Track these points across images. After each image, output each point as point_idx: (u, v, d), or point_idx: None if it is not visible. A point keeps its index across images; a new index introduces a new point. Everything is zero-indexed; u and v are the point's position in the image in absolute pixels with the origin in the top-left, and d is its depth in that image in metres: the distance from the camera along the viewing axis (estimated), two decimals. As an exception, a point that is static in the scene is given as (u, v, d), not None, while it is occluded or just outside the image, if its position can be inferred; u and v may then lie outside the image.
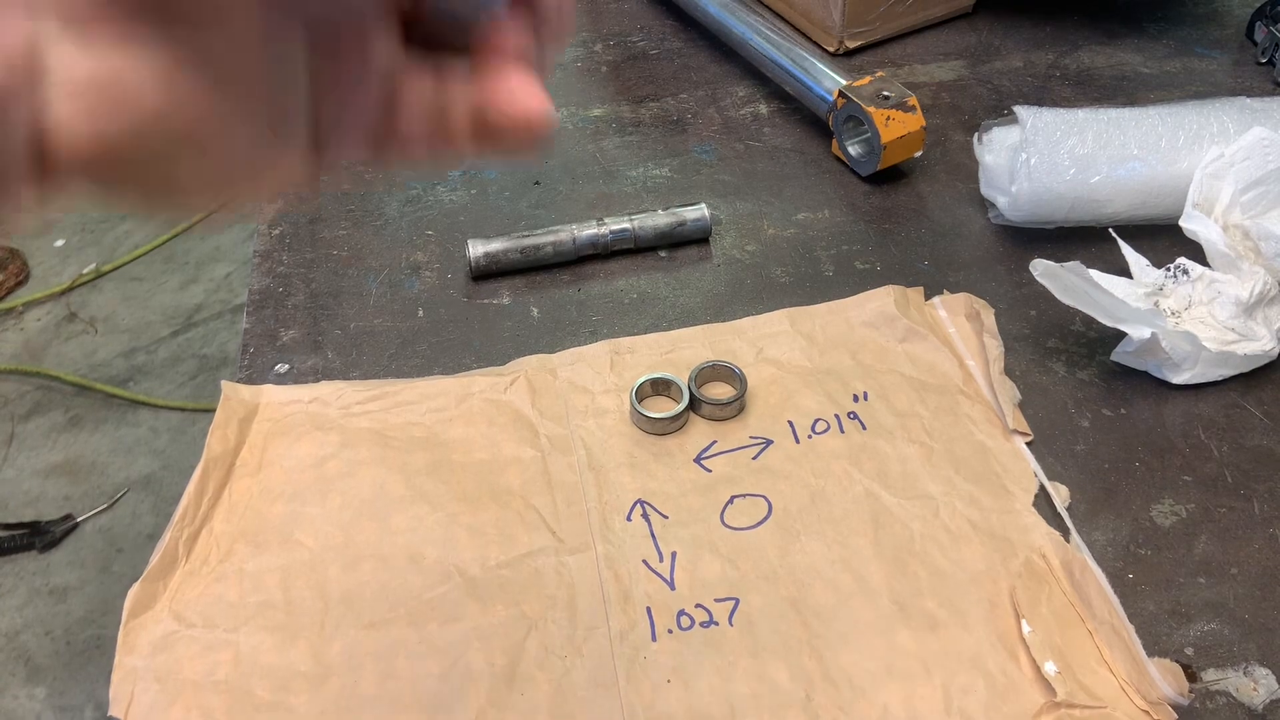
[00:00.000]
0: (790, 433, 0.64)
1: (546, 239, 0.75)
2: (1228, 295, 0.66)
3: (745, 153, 0.87)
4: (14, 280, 2.12)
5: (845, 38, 0.96)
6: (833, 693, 0.52)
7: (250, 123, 0.22)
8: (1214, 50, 0.97)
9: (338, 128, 0.24)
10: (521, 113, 0.26)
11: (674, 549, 0.58)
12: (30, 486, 1.75)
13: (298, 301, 0.74)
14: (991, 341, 0.67)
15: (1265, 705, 0.51)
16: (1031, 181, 0.73)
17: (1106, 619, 0.54)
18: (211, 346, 2.00)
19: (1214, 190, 0.70)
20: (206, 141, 0.21)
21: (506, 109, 0.26)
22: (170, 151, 0.21)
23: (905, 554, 0.57)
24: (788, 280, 0.75)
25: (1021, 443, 0.63)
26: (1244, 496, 0.61)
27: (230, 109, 0.21)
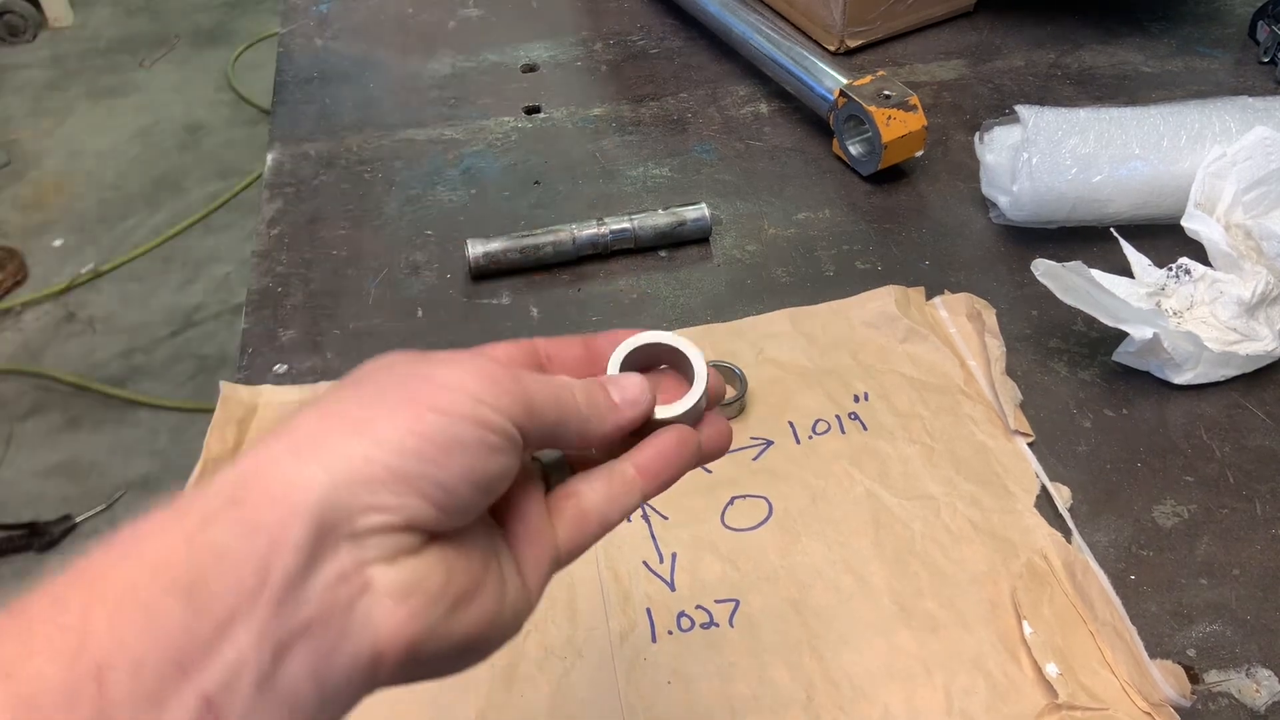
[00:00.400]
0: (791, 433, 0.64)
1: (546, 239, 0.75)
2: (1230, 295, 0.66)
3: (746, 152, 0.87)
4: (12, 280, 2.11)
5: (846, 37, 0.95)
6: (833, 693, 0.52)
7: (493, 566, 0.32)
8: (1216, 49, 0.97)
9: (524, 550, 0.34)
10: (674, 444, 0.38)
11: (674, 550, 0.58)
12: (28, 487, 1.75)
13: (297, 302, 0.74)
14: (993, 341, 0.67)
15: (1267, 707, 0.51)
16: (1033, 181, 0.73)
17: (1108, 620, 0.53)
18: (210, 347, 1.99)
19: (1216, 190, 0.69)
20: (480, 602, 0.31)
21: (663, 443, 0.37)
22: (461, 618, 0.30)
23: (906, 554, 0.57)
24: (788, 280, 0.75)
25: (1023, 443, 0.63)
26: (1246, 497, 0.60)
27: (480, 564, 0.31)
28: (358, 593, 0.27)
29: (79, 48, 2.84)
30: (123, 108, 2.62)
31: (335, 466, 0.27)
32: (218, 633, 0.24)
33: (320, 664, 0.26)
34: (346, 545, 0.27)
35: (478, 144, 0.88)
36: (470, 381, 0.30)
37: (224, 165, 2.42)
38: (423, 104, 0.93)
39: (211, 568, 0.25)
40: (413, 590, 0.28)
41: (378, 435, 0.28)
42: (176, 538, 0.25)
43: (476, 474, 0.29)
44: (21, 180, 2.39)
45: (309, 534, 0.26)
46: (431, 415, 0.29)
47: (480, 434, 0.29)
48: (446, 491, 0.28)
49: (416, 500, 0.28)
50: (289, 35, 1.03)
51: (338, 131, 0.90)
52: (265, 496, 0.26)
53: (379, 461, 0.27)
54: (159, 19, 2.96)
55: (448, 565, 0.29)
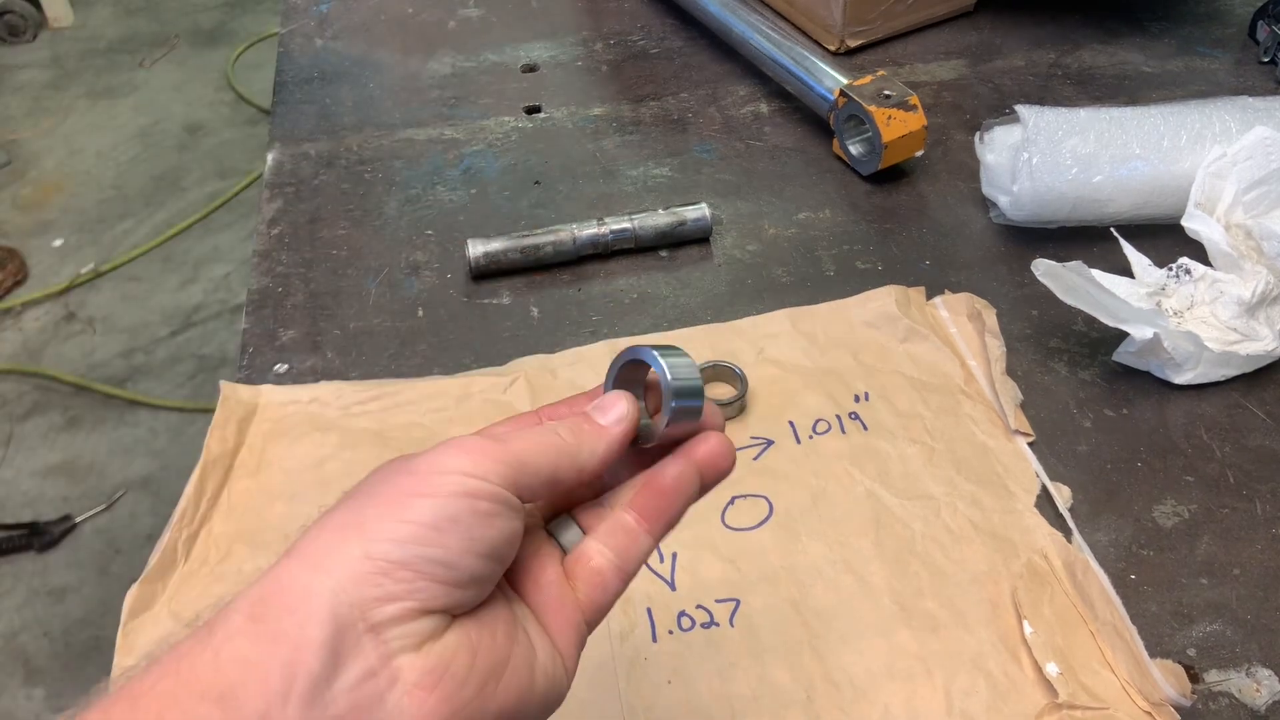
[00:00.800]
0: (791, 433, 0.64)
1: (546, 239, 0.75)
2: (1230, 295, 0.66)
3: (746, 152, 0.87)
4: (12, 280, 2.11)
5: (846, 36, 0.95)
6: (834, 693, 0.52)
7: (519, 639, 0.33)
8: (1216, 49, 0.97)
9: (550, 618, 0.35)
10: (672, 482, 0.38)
11: (674, 550, 0.58)
12: (28, 487, 1.75)
13: (297, 301, 0.74)
14: (993, 341, 0.67)
15: (1268, 706, 0.51)
16: (1033, 181, 0.73)
17: (1108, 620, 0.53)
18: (210, 346, 1.99)
19: (1216, 190, 0.69)
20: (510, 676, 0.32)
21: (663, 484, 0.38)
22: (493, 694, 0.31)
23: (907, 554, 0.57)
24: (789, 280, 0.75)
25: (1023, 443, 0.63)
26: (1246, 497, 0.60)
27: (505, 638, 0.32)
28: (386, 686, 0.29)
29: (79, 48, 2.84)
30: (122, 108, 2.62)
31: (341, 570, 0.29)
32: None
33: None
34: (369, 641, 0.29)
35: (478, 144, 0.88)
36: (452, 459, 0.32)
37: (224, 165, 2.42)
38: (423, 104, 0.93)
39: (240, 676, 0.27)
40: (441, 674, 0.30)
41: (373, 533, 0.30)
42: (205, 655, 0.28)
43: (477, 544, 0.31)
44: (21, 180, 2.39)
45: (327, 635, 0.28)
46: (419, 500, 0.31)
47: (471, 504, 0.31)
48: (450, 567, 0.30)
49: (424, 583, 0.30)
50: (289, 35, 1.03)
51: (338, 131, 0.90)
52: (283, 608, 0.28)
53: (379, 556, 0.29)
54: (159, 19, 2.96)
55: (472, 645, 0.31)
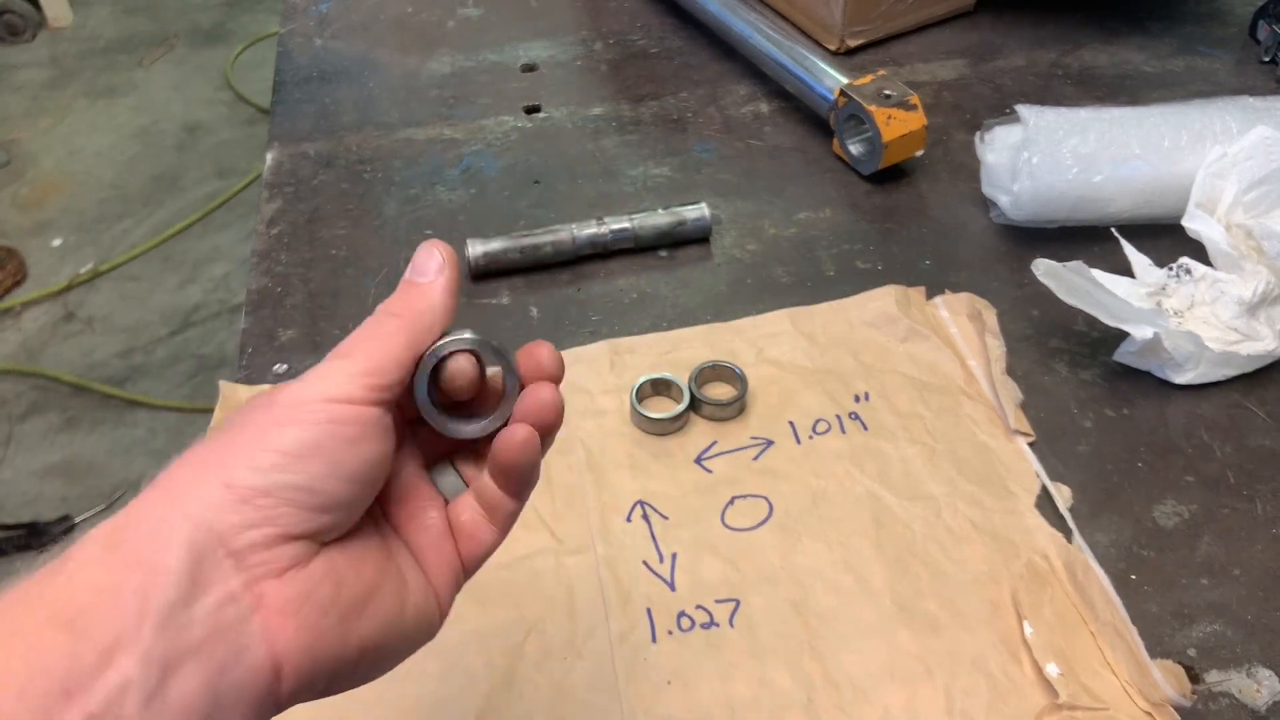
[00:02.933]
0: (791, 433, 0.64)
1: (546, 238, 0.75)
2: (1230, 295, 0.66)
3: (746, 152, 0.87)
4: (11, 280, 2.11)
5: (846, 36, 0.95)
6: (834, 694, 0.52)
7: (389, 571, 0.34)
8: (1217, 49, 0.97)
9: (428, 559, 0.36)
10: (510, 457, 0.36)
11: (674, 550, 0.58)
12: (27, 487, 1.74)
13: (296, 301, 0.74)
14: (993, 341, 0.67)
15: (1268, 706, 0.51)
16: (1034, 180, 0.72)
17: (1109, 620, 0.53)
18: (209, 346, 1.99)
19: (1217, 190, 0.69)
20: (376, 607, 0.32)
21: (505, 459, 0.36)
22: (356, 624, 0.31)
23: (907, 555, 0.57)
24: (789, 280, 0.75)
25: (1024, 443, 0.63)
26: (1247, 497, 0.60)
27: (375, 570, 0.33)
28: (248, 611, 0.29)
29: (78, 48, 2.84)
30: (122, 107, 2.62)
31: (203, 498, 0.29)
32: (102, 659, 0.26)
33: (214, 678, 0.28)
34: (230, 566, 0.29)
35: (477, 144, 0.88)
36: (313, 388, 0.32)
37: (223, 165, 2.41)
38: (422, 103, 0.93)
39: (91, 602, 0.27)
40: (303, 602, 0.30)
41: (235, 462, 0.30)
42: (58, 581, 0.28)
43: (341, 469, 0.31)
44: (21, 180, 2.39)
45: (184, 562, 0.28)
46: (282, 429, 0.31)
47: (335, 429, 0.31)
48: (313, 493, 0.30)
49: (285, 509, 0.30)
50: (288, 35, 1.03)
51: (337, 131, 0.90)
52: (139, 537, 0.28)
53: (239, 484, 0.29)
54: (158, 19, 2.96)
55: (338, 574, 0.31)
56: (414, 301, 0.36)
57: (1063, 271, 0.63)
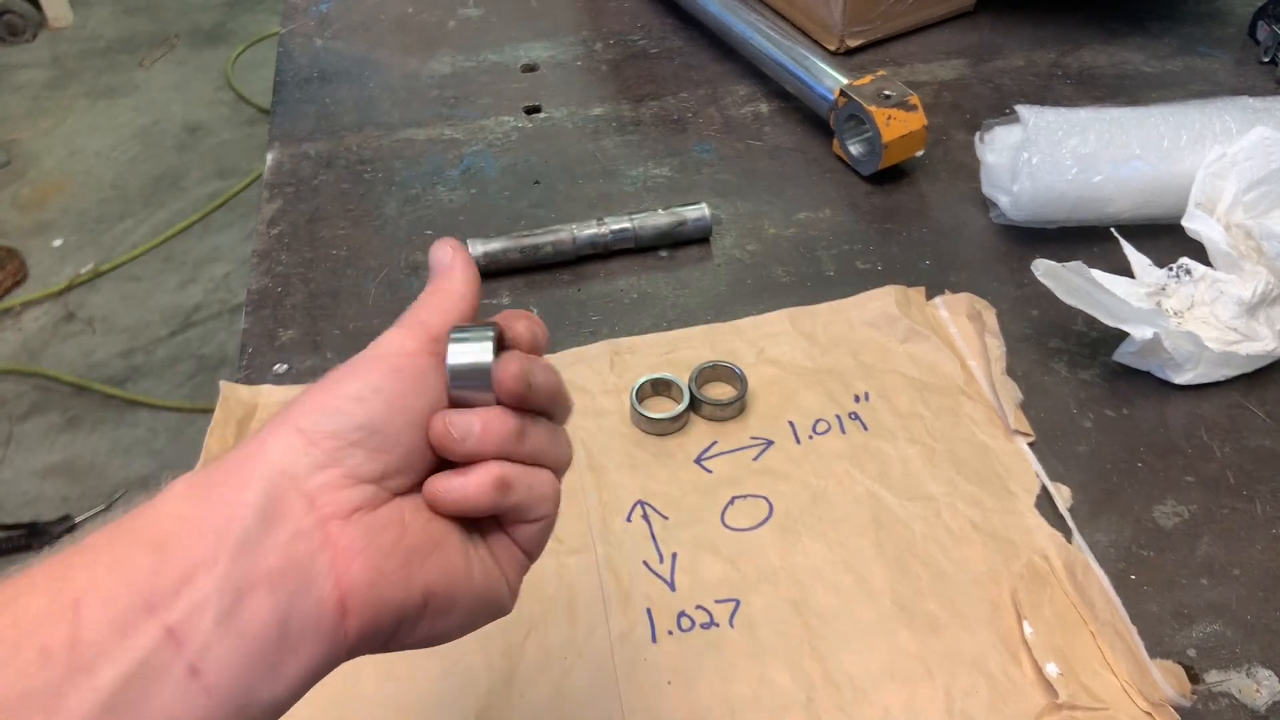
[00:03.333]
0: (791, 433, 0.64)
1: (546, 239, 0.75)
2: (1230, 295, 0.66)
3: (746, 152, 0.87)
4: (12, 280, 2.11)
5: (846, 36, 0.95)
6: (834, 694, 0.52)
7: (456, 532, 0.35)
8: (1216, 49, 0.97)
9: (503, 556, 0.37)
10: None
11: (674, 550, 0.58)
12: (28, 487, 1.74)
13: (296, 301, 0.74)
14: (993, 341, 0.67)
15: (1268, 706, 0.51)
16: (1034, 181, 0.72)
17: (1109, 620, 0.53)
18: (210, 347, 1.99)
19: (1216, 190, 0.69)
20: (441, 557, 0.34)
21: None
22: (419, 569, 0.33)
23: (907, 555, 0.57)
24: (789, 280, 0.75)
25: (1023, 443, 0.63)
26: (1246, 497, 0.60)
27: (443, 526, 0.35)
28: (318, 547, 0.31)
29: (78, 48, 2.84)
30: (122, 108, 2.62)
31: (279, 444, 0.32)
32: (182, 578, 0.29)
33: (284, 604, 0.30)
34: (302, 506, 0.31)
35: (478, 144, 0.88)
36: (381, 346, 0.35)
37: (223, 165, 2.41)
38: (423, 104, 0.93)
39: (175, 529, 0.30)
40: (368, 542, 0.32)
41: (306, 411, 0.33)
42: (147, 513, 0.31)
43: (397, 407, 0.34)
44: (21, 180, 2.39)
45: (260, 500, 0.31)
46: (348, 379, 0.34)
47: (395, 372, 0.34)
48: (374, 432, 0.33)
49: (351, 449, 0.32)
50: (289, 35, 1.03)
51: (337, 131, 0.90)
52: (220, 480, 0.32)
53: (308, 428, 0.32)
54: (158, 19, 2.96)
55: (403, 522, 0.33)
56: (443, 281, 0.39)
57: (1062, 271, 0.64)
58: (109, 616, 0.28)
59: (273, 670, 0.30)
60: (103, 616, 0.28)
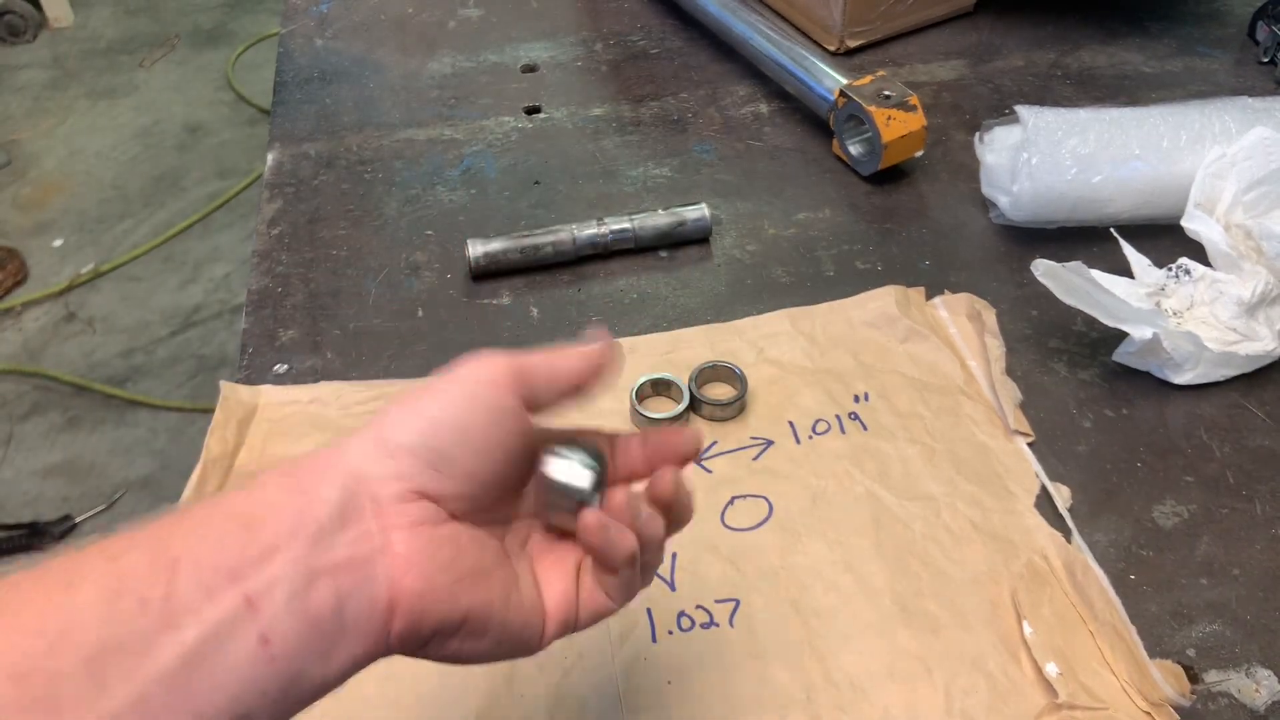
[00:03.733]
0: (791, 433, 0.64)
1: (546, 239, 0.75)
2: (1230, 295, 0.66)
3: (746, 152, 0.87)
4: (12, 280, 2.11)
5: (846, 37, 0.95)
6: (834, 694, 0.52)
7: (507, 567, 0.38)
8: (1216, 49, 0.97)
9: (548, 591, 0.40)
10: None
11: (674, 550, 0.58)
12: (28, 487, 1.74)
13: (297, 302, 0.74)
14: (993, 341, 0.67)
15: (1267, 706, 0.51)
16: (1033, 181, 0.73)
17: (1108, 620, 0.53)
18: (210, 347, 1.99)
19: (1216, 190, 0.69)
20: (486, 585, 0.37)
21: None
22: (465, 591, 0.35)
23: (907, 555, 0.57)
24: (788, 280, 0.75)
25: (1023, 443, 0.63)
26: (1246, 497, 0.60)
27: (494, 559, 0.37)
28: (379, 550, 0.34)
29: (79, 48, 2.84)
30: (122, 108, 2.62)
31: (358, 451, 0.35)
32: (264, 555, 0.32)
33: (344, 595, 0.33)
34: (370, 510, 0.34)
35: (478, 144, 0.88)
36: (470, 368, 0.37)
37: (224, 165, 2.41)
38: (423, 104, 0.93)
39: (263, 511, 0.33)
40: (424, 556, 0.34)
41: (388, 424, 0.36)
42: (243, 494, 0.34)
43: (469, 439, 0.36)
44: (21, 180, 2.39)
45: (337, 497, 0.34)
46: (430, 399, 0.36)
47: (471, 404, 0.36)
48: (441, 455, 0.35)
49: (420, 467, 0.35)
50: (289, 35, 1.03)
51: (338, 131, 0.90)
52: (309, 471, 0.34)
53: (389, 440, 0.35)
54: (159, 19, 2.96)
55: (459, 544, 0.36)
56: (590, 355, 0.40)
57: (1062, 272, 0.64)
58: (200, 579, 0.31)
59: (325, 653, 0.32)
60: (195, 578, 0.31)
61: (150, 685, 0.29)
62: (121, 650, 0.29)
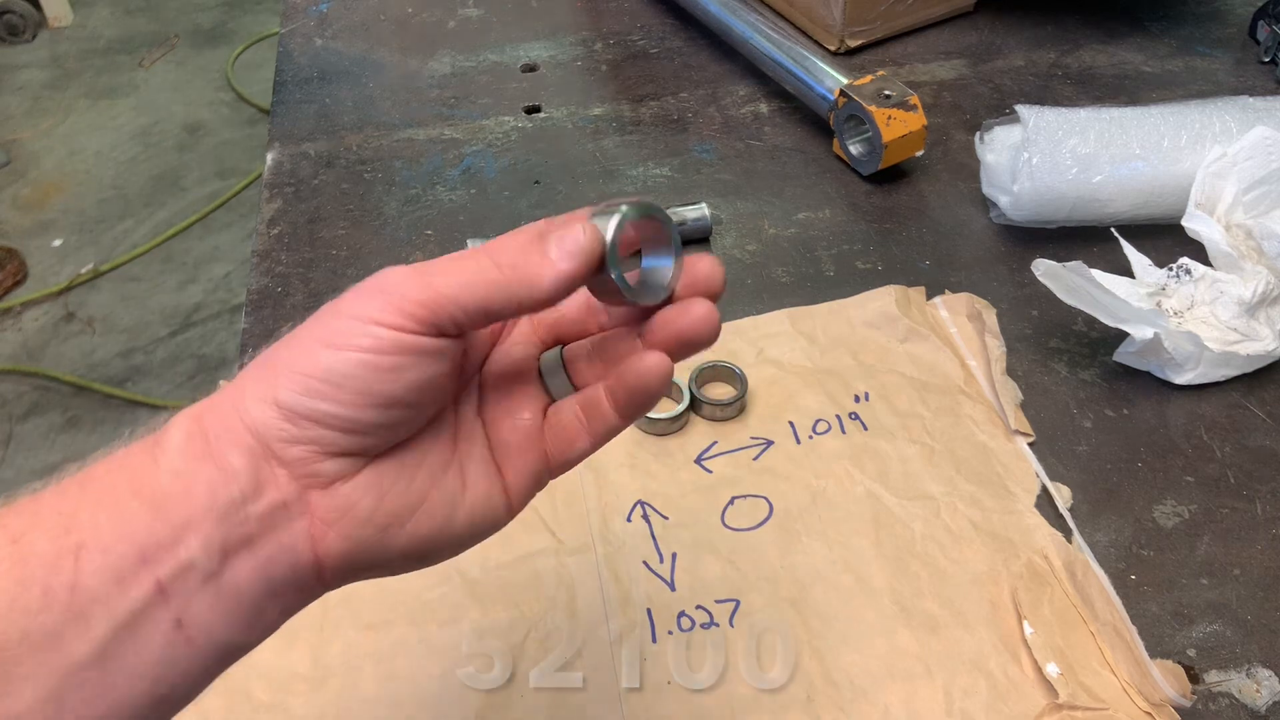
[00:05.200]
0: (791, 433, 0.64)
1: (546, 238, 0.75)
2: (1230, 295, 0.66)
3: (746, 152, 0.87)
4: (12, 280, 2.11)
5: (846, 36, 0.95)
6: (834, 694, 0.52)
7: (445, 480, 0.35)
8: (1216, 49, 0.97)
9: (510, 457, 0.37)
10: (642, 383, 0.36)
11: (674, 550, 0.58)
12: (28, 487, 1.74)
13: (297, 301, 0.74)
14: (993, 341, 0.67)
15: (1268, 707, 0.51)
16: (1033, 181, 0.73)
17: (1108, 620, 0.53)
18: (210, 347, 1.99)
19: (1216, 190, 0.69)
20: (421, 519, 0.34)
21: (634, 383, 0.36)
22: (396, 534, 0.34)
23: (906, 555, 0.57)
24: (788, 280, 0.75)
25: (1023, 443, 0.63)
26: (1246, 497, 0.60)
27: (428, 480, 0.34)
28: (296, 515, 0.32)
29: (78, 48, 2.84)
30: (122, 108, 2.62)
31: (259, 411, 0.32)
32: (173, 536, 0.30)
33: (266, 567, 0.31)
34: (283, 476, 0.32)
35: (478, 144, 0.88)
36: (366, 305, 0.32)
37: (223, 165, 2.41)
38: (423, 104, 0.93)
39: (172, 487, 0.31)
40: (344, 513, 0.32)
41: (282, 381, 0.32)
42: (149, 461, 0.31)
43: (375, 398, 0.32)
44: (21, 180, 2.39)
45: (246, 464, 0.31)
46: (325, 352, 0.32)
47: (372, 359, 0.32)
48: (344, 420, 0.32)
49: (323, 430, 0.32)
50: (289, 35, 1.03)
51: (337, 131, 0.90)
52: (214, 432, 0.32)
53: (284, 404, 0.32)
54: (158, 19, 2.96)
55: (381, 488, 0.33)
56: (526, 270, 0.33)
57: (1062, 272, 0.64)
58: (108, 564, 0.29)
59: (250, 622, 0.32)
60: (102, 564, 0.29)
61: (61, 682, 0.28)
62: (28, 647, 0.27)
